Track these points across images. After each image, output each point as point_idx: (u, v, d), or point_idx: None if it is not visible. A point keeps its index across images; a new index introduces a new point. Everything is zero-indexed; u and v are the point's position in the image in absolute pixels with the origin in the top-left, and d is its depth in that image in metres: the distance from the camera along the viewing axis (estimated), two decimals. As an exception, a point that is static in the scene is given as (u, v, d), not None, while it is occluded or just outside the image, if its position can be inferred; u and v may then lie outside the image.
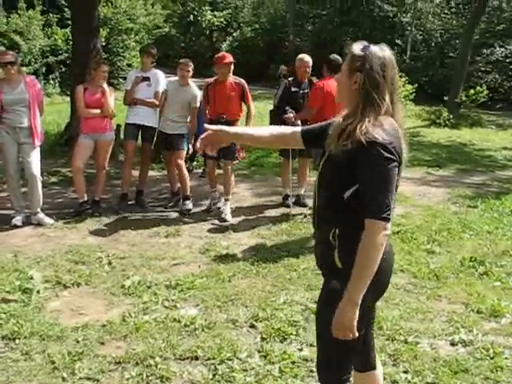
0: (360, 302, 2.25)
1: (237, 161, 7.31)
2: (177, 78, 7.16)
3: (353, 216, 2.29)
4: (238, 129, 2.76)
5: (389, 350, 3.84)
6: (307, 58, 7.33)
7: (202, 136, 2.66)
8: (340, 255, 2.36)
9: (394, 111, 2.37)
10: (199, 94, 7.16)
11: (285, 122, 7.02)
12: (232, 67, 6.79)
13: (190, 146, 7.17)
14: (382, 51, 2.36)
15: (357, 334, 2.29)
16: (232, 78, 6.86)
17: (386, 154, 2.22)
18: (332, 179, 2.38)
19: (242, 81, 6.94)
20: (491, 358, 3.81)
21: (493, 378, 3.58)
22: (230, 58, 6.82)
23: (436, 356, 3.81)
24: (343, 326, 2.28)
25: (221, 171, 7.19)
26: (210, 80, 7.04)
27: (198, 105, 7.13)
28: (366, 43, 2.39)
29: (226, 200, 6.98)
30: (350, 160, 2.26)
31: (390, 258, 2.49)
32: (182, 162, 7.13)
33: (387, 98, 2.33)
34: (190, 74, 7.08)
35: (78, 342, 3.85)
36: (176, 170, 7.20)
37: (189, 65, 7.04)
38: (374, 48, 2.36)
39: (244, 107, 7.05)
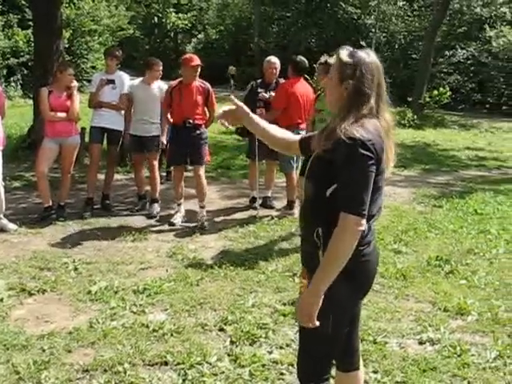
0: (322, 293, 2.28)
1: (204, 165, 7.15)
2: (139, 79, 7.14)
3: (335, 215, 2.29)
4: (255, 117, 2.76)
5: (358, 351, 3.85)
6: (274, 59, 7.36)
7: (225, 108, 2.69)
8: (324, 255, 2.36)
9: (379, 112, 2.41)
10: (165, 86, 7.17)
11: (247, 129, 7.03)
12: (199, 70, 6.58)
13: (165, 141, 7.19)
14: (370, 57, 2.41)
15: (316, 324, 2.31)
16: (198, 82, 6.66)
17: (363, 151, 2.24)
18: (315, 178, 2.41)
19: (208, 85, 6.72)
20: (458, 356, 3.85)
21: (460, 375, 3.62)
22: (197, 61, 6.54)
23: (405, 355, 3.84)
24: (301, 313, 2.33)
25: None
26: (174, 82, 6.76)
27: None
28: (351, 49, 2.43)
29: (202, 207, 6.75)
30: (331, 158, 2.30)
31: (374, 261, 2.52)
32: (156, 164, 7.12)
33: (373, 100, 2.38)
34: (160, 72, 7.09)
35: (43, 350, 3.76)
36: (148, 171, 7.23)
37: (160, 64, 7.07)
38: (362, 54, 2.40)
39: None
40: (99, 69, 21.97)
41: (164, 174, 8.90)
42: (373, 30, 28.90)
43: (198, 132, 6.59)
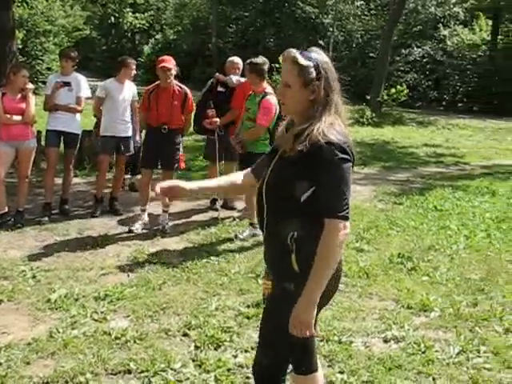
0: (317, 300, 2.28)
1: (178, 171, 6.92)
2: (112, 78, 7.07)
3: (311, 219, 2.30)
4: (193, 184, 2.69)
5: (324, 351, 3.84)
6: (237, 59, 7.45)
7: (162, 185, 2.59)
8: (297, 259, 2.35)
9: (340, 110, 2.43)
10: (135, 87, 7.23)
11: (205, 128, 6.99)
12: (172, 73, 6.34)
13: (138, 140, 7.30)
14: (322, 55, 2.42)
15: (314, 332, 2.33)
16: (176, 85, 6.48)
17: (341, 155, 2.27)
18: (289, 183, 2.35)
19: (185, 88, 6.55)
20: (423, 352, 3.89)
21: (425, 372, 3.65)
22: (165, 63, 6.34)
23: (370, 354, 3.85)
24: (301, 324, 2.30)
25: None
26: (152, 86, 6.62)
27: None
28: (300, 51, 2.40)
29: (165, 212, 6.63)
30: (307, 162, 2.28)
31: (341, 263, 2.50)
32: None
33: (336, 97, 2.40)
34: (134, 72, 7.14)
35: (0, 364, 3.63)
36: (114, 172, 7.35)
37: (134, 63, 7.15)
38: (316, 55, 2.40)
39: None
40: (55, 70, 21.52)
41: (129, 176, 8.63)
42: (330, 29, 29.13)
43: (172, 137, 6.49)
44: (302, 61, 2.36)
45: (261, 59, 6.14)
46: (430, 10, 28.67)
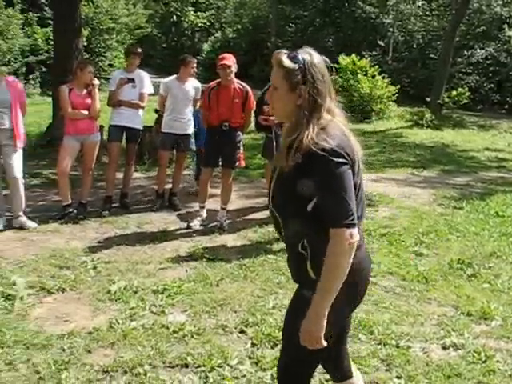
0: (326, 312, 2.19)
1: (237, 169, 6.97)
2: (173, 76, 7.17)
3: (320, 226, 2.20)
4: None
5: (381, 355, 3.79)
6: None
7: None
8: (313, 265, 2.29)
9: (334, 111, 2.31)
10: (200, 85, 7.28)
11: (262, 125, 6.97)
12: (232, 70, 6.31)
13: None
14: (312, 55, 2.29)
15: (324, 344, 2.23)
16: (237, 83, 6.47)
17: (336, 159, 2.15)
18: (292, 195, 2.27)
19: (247, 87, 6.52)
20: (483, 362, 3.78)
21: (486, 382, 3.55)
22: (226, 61, 6.30)
23: (428, 360, 3.78)
24: (310, 337, 2.23)
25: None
26: (213, 84, 6.62)
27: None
28: (289, 52, 2.30)
29: (223, 209, 6.68)
30: (304, 174, 2.19)
31: (367, 267, 2.45)
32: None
33: (328, 100, 2.29)
34: (195, 69, 7.24)
35: (63, 350, 3.75)
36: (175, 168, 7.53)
37: (195, 61, 7.23)
38: (304, 55, 2.27)
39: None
40: (117, 67, 22.07)
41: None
42: (391, 29, 28.73)
43: (233, 135, 6.53)
44: (287, 63, 2.26)
45: None
46: (496, 10, 27.84)
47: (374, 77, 17.85)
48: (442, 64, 20.46)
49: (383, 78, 18.15)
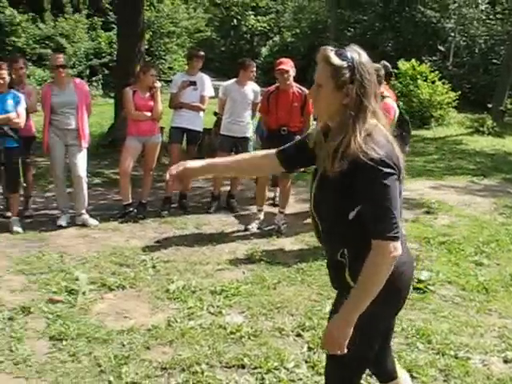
0: (354, 322, 2.15)
1: (295, 173, 6.99)
2: (233, 80, 7.23)
3: (360, 235, 2.16)
4: (202, 162, 2.58)
5: (439, 365, 3.73)
6: None
7: (172, 170, 2.50)
8: (351, 273, 2.25)
9: (378, 114, 2.24)
10: (259, 88, 7.31)
11: None
12: (290, 75, 6.36)
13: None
14: (360, 55, 2.22)
15: (345, 351, 2.19)
16: (295, 87, 6.49)
17: (385, 170, 2.09)
18: (334, 201, 2.23)
19: (305, 90, 6.39)
20: (547, 378, 3.67)
21: (549, 399, 3.45)
22: (283, 66, 6.36)
23: (489, 373, 3.69)
24: (333, 342, 2.21)
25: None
26: (271, 88, 6.69)
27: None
28: (337, 50, 2.24)
29: (281, 212, 6.71)
30: (349, 181, 2.13)
31: (409, 270, 2.38)
32: None
33: (373, 103, 2.21)
34: (254, 73, 7.25)
35: (123, 345, 3.85)
36: None
37: (254, 65, 7.21)
38: (353, 53, 2.21)
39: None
40: (176, 69, 22.42)
41: None
42: (452, 33, 28.13)
43: (292, 139, 6.49)
44: (335, 60, 2.18)
45: (378, 65, 6.03)
46: None
47: (433, 82, 17.54)
48: (506, 69, 19.90)
49: (443, 83, 17.81)
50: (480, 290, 5.04)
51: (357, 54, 2.21)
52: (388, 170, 2.09)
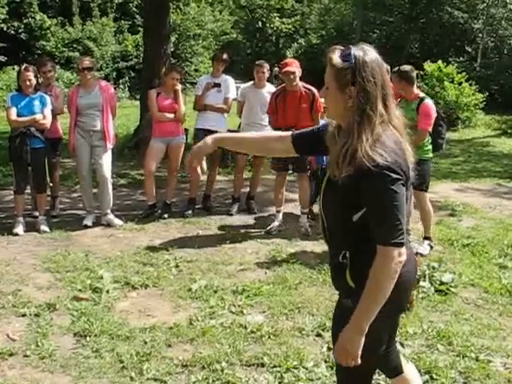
0: (366, 330, 2.13)
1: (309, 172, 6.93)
2: (251, 82, 7.26)
3: (363, 239, 2.16)
4: (221, 136, 2.69)
5: (459, 367, 3.71)
6: (386, 66, 7.25)
7: (193, 151, 2.62)
8: (352, 274, 2.24)
9: (390, 117, 2.17)
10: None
11: None
12: (297, 75, 6.32)
13: None
14: (367, 54, 2.15)
15: (359, 362, 2.16)
16: (303, 87, 6.45)
17: (393, 175, 2.06)
18: (339, 204, 2.23)
19: (313, 90, 6.44)
20: None
21: None
22: (288, 67, 6.32)
23: (510, 377, 3.65)
24: (346, 353, 2.18)
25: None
26: (278, 89, 6.69)
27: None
28: (343, 49, 2.18)
29: (303, 213, 6.69)
30: (355, 185, 2.10)
31: (412, 271, 2.36)
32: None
33: (380, 105, 2.13)
34: (266, 75, 7.17)
35: (145, 342, 3.91)
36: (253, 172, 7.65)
37: (264, 66, 7.14)
38: (357, 52, 2.14)
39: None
40: (202, 72, 22.57)
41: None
42: (480, 34, 27.80)
43: None
44: (336, 61, 2.13)
45: (408, 66, 6.00)
46: None
47: (460, 84, 17.35)
48: (535, 71, 19.64)
49: (470, 85, 17.60)
50: (503, 293, 4.99)
51: (362, 52, 2.15)
52: (395, 176, 2.06)
